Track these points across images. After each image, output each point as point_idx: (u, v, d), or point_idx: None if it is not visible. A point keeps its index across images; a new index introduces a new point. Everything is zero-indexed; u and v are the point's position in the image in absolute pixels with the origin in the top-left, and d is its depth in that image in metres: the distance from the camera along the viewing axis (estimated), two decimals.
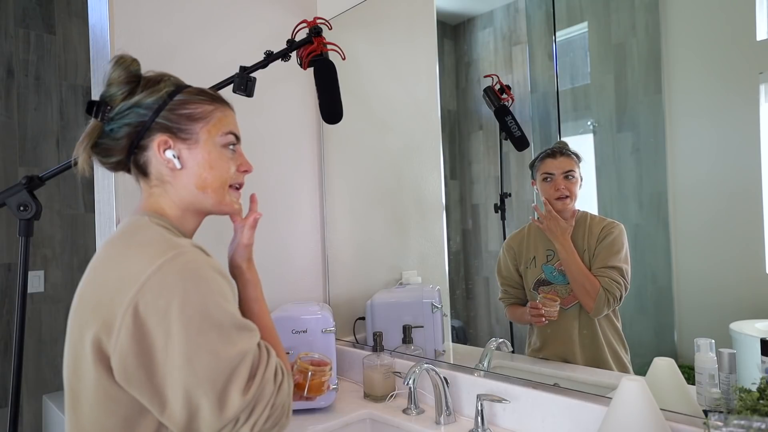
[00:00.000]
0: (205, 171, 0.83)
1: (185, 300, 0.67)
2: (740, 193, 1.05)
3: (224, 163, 0.85)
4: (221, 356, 0.68)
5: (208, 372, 0.67)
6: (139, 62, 0.84)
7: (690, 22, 1.15)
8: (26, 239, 1.01)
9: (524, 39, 1.45)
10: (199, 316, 0.68)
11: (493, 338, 1.36)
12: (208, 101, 0.85)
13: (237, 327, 0.72)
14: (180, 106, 0.82)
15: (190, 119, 0.83)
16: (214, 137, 0.84)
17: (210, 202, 0.85)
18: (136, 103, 0.81)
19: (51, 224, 2.61)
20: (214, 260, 0.75)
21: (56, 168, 1.07)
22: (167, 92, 0.82)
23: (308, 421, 1.32)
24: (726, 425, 0.76)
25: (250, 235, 0.94)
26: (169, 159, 0.81)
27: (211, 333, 0.68)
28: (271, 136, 1.75)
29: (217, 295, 0.71)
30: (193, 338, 0.67)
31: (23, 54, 2.55)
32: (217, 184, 0.84)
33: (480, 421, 1.20)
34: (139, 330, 0.66)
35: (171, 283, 0.68)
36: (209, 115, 0.84)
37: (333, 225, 1.86)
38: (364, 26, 1.76)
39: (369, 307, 1.61)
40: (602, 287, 1.21)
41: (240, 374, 0.70)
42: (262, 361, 0.74)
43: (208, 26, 1.59)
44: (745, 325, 1.01)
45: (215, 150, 0.84)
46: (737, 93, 1.06)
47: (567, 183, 1.28)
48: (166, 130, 0.81)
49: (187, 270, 0.69)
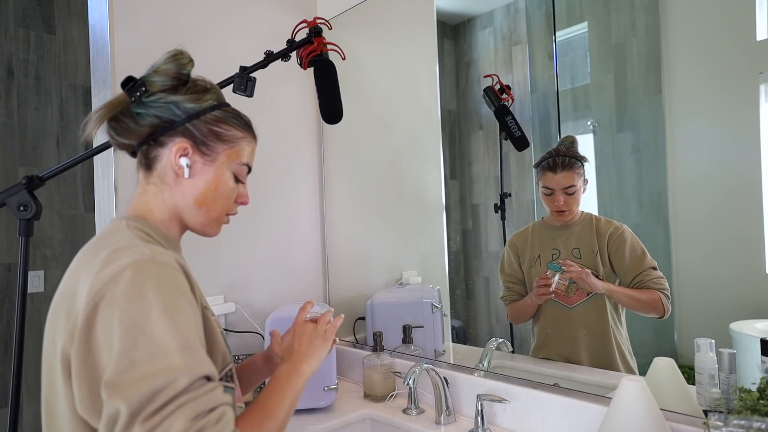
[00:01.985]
0: (210, 191, 0.83)
1: (128, 311, 0.63)
2: (740, 192, 1.05)
3: (229, 190, 0.85)
4: (144, 371, 0.60)
5: (129, 383, 0.60)
6: (194, 64, 0.84)
7: (690, 22, 1.15)
8: (26, 239, 1.01)
9: (524, 39, 1.45)
10: (136, 329, 0.62)
11: (493, 338, 1.36)
12: (240, 128, 0.86)
13: (181, 347, 0.63)
14: (213, 122, 0.83)
15: (217, 138, 0.83)
16: (231, 163, 0.84)
17: (199, 220, 0.84)
18: (175, 102, 0.80)
19: (51, 224, 2.61)
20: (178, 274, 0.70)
21: (56, 168, 1.06)
22: (210, 105, 0.83)
23: (308, 421, 1.32)
24: (726, 425, 0.76)
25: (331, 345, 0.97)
26: (181, 166, 0.81)
27: (141, 346, 0.62)
28: (271, 136, 1.75)
29: (164, 313, 0.64)
30: (130, 343, 0.61)
31: (23, 54, 2.55)
32: (215, 206, 0.84)
33: (480, 421, 1.20)
34: (88, 330, 0.63)
35: (120, 293, 0.64)
36: (236, 142, 0.85)
37: (333, 225, 1.86)
38: (364, 26, 1.76)
39: (369, 307, 1.61)
40: (658, 291, 1.18)
41: (156, 398, 0.59)
42: (189, 398, 0.61)
43: (208, 26, 1.59)
44: (745, 325, 1.01)
45: (226, 175, 0.84)
46: (737, 93, 1.06)
47: (567, 198, 1.28)
48: (190, 138, 0.81)
49: (138, 281, 0.65)
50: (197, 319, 0.70)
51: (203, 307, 0.77)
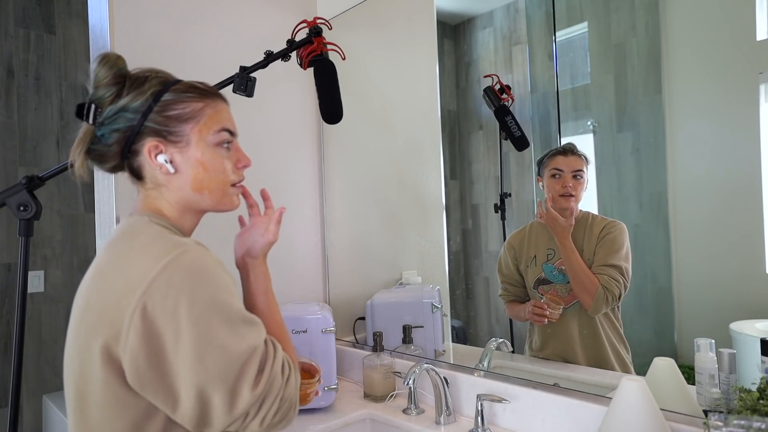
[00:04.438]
0: (200, 173, 0.80)
1: (193, 298, 0.67)
2: (740, 193, 1.05)
3: (219, 162, 0.82)
4: (231, 352, 0.69)
5: (219, 368, 0.67)
6: (124, 59, 0.80)
7: (690, 22, 1.15)
8: (26, 239, 1.01)
9: (524, 39, 1.45)
10: (208, 313, 0.68)
11: (493, 338, 1.36)
12: (197, 98, 0.81)
13: (245, 322, 0.72)
14: (168, 107, 0.79)
15: (179, 120, 0.79)
16: (206, 137, 0.80)
17: (208, 203, 0.83)
18: (123, 107, 0.78)
19: (51, 224, 2.61)
20: (217, 257, 0.75)
21: (56, 168, 1.06)
22: (152, 93, 0.79)
23: (308, 421, 1.32)
24: (726, 425, 0.76)
25: (276, 230, 0.94)
26: (162, 164, 0.79)
27: (220, 329, 0.68)
28: (271, 136, 1.75)
29: (223, 291, 0.71)
30: (203, 335, 0.67)
31: (23, 54, 2.55)
32: (214, 185, 0.82)
33: (480, 421, 1.20)
34: (148, 330, 0.66)
35: (177, 281, 0.68)
36: (199, 114, 0.80)
37: (333, 225, 1.86)
38: (364, 26, 1.76)
39: (369, 307, 1.61)
40: (601, 285, 1.21)
41: (250, 369, 0.70)
42: (269, 355, 0.74)
43: (208, 26, 1.59)
44: (745, 325, 1.01)
45: (208, 150, 0.81)
46: (737, 93, 1.06)
47: (574, 182, 1.28)
48: (156, 134, 0.78)
49: (193, 268, 0.69)
50: (239, 288, 0.79)
51: None
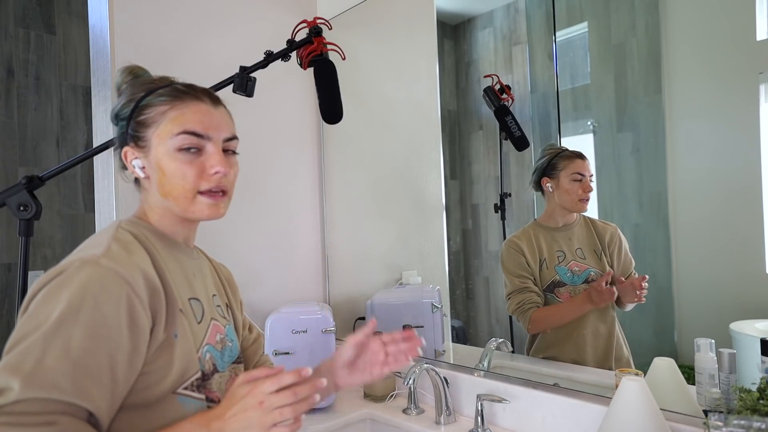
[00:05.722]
0: (161, 178, 0.78)
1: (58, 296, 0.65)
2: (740, 193, 1.05)
3: (176, 167, 0.77)
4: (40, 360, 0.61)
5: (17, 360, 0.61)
6: (144, 69, 0.84)
7: (690, 22, 1.15)
8: (26, 239, 1.01)
9: (524, 39, 1.45)
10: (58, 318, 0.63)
11: (493, 338, 1.36)
12: (167, 101, 0.78)
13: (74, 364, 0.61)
14: (139, 113, 0.79)
15: (143, 125, 0.79)
16: (165, 141, 0.77)
17: (175, 209, 0.80)
18: (117, 115, 0.82)
19: (51, 224, 2.61)
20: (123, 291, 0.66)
21: (56, 168, 1.07)
22: (135, 100, 0.80)
23: (308, 421, 1.32)
24: (726, 425, 0.76)
25: None
26: (134, 169, 0.82)
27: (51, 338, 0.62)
28: (271, 136, 1.75)
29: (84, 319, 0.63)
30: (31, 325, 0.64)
31: (23, 54, 2.55)
32: (176, 192, 0.78)
33: (480, 421, 1.20)
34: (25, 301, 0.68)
35: (62, 279, 0.66)
36: (160, 118, 0.78)
37: (333, 225, 1.86)
38: (364, 26, 1.76)
39: (369, 307, 1.61)
40: None
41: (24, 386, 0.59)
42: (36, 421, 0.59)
43: (208, 26, 1.59)
44: (745, 325, 1.01)
45: (167, 155, 0.77)
46: (737, 93, 1.06)
47: (590, 186, 1.29)
48: (131, 140, 0.80)
49: (81, 281, 0.65)
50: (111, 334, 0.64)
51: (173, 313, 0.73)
